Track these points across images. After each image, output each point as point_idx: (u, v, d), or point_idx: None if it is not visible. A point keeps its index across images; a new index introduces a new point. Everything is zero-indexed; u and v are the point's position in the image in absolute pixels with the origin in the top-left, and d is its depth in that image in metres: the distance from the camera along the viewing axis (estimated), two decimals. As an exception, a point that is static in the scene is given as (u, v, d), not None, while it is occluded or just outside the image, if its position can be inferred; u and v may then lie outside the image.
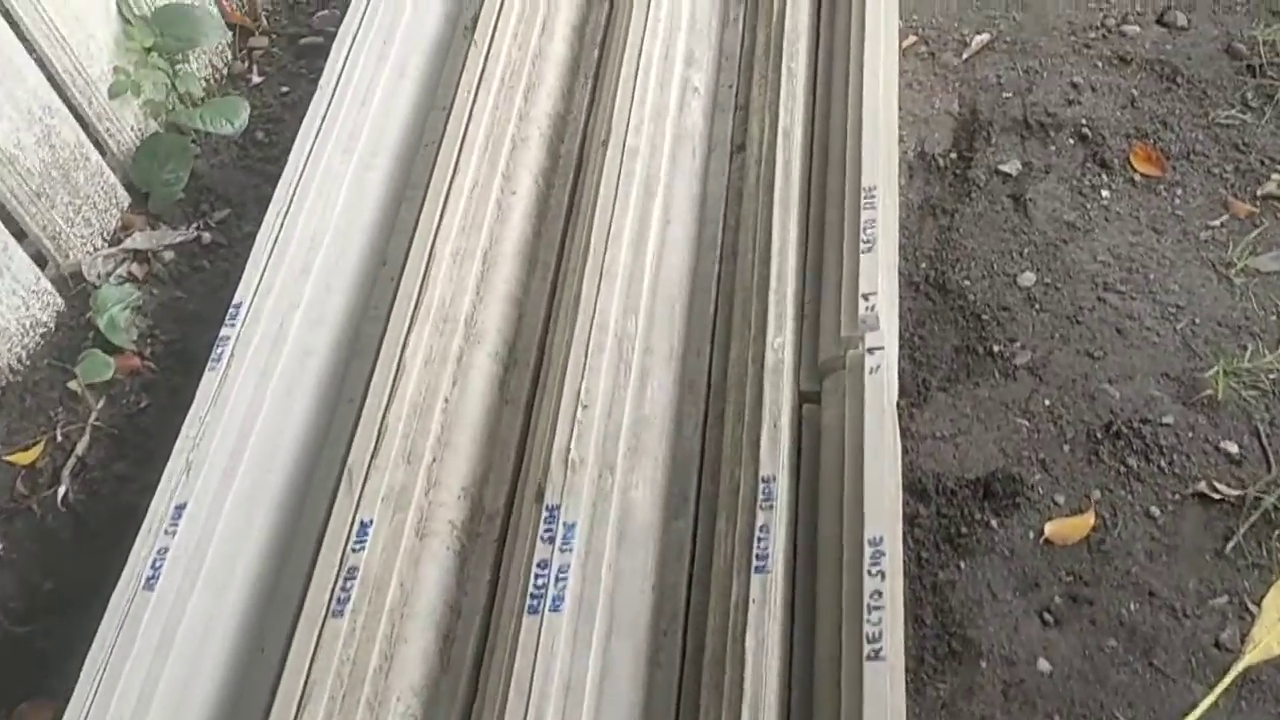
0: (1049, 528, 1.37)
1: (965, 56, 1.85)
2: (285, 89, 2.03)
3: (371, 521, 1.26)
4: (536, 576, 1.18)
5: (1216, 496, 1.36)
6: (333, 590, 1.20)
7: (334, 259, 1.56)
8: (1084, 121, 1.73)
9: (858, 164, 1.43)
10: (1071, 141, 1.71)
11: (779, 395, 1.28)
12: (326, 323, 1.51)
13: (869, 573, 1.10)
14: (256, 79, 2.05)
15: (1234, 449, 1.40)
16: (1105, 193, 1.65)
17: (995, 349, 1.52)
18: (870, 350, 1.27)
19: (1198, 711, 1.24)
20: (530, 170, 1.65)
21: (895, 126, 1.49)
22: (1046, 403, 1.47)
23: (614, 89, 1.64)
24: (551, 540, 1.21)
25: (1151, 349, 1.49)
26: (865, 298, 1.31)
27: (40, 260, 1.71)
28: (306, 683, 1.13)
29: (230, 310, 1.44)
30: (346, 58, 1.72)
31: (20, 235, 1.66)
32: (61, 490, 1.53)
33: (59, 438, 1.58)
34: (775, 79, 1.60)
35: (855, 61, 1.53)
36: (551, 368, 1.43)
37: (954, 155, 1.74)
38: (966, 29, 1.89)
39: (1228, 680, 1.25)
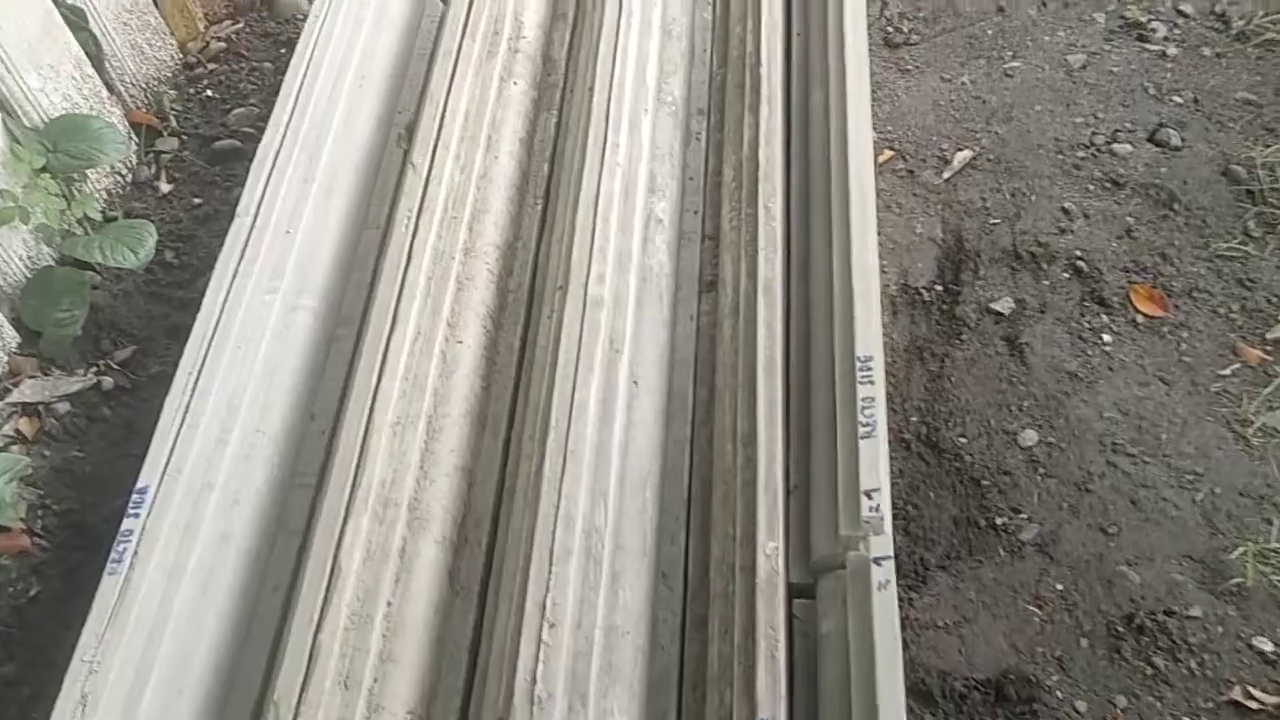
0: (1072, 745, 1.22)
1: (947, 176, 1.70)
2: (198, 200, 1.82)
3: (303, 774, 1.08)
4: None
5: (1254, 706, 1.22)
6: None
7: (254, 421, 1.38)
8: (1078, 253, 1.59)
9: (849, 330, 1.28)
10: (1066, 275, 1.57)
11: (774, 614, 1.12)
12: (247, 500, 1.33)
13: None
14: (165, 187, 1.83)
15: (1268, 647, 1.26)
16: (1107, 336, 1.51)
17: (998, 521, 1.37)
18: (877, 560, 1.12)
19: None
20: (478, 315, 1.48)
21: (877, 273, 1.34)
22: (1059, 587, 1.32)
23: (571, 224, 1.47)
24: (517, 803, 1.04)
25: (1170, 524, 1.35)
26: (869, 495, 1.16)
27: (-88, 419, 1.50)
28: None
29: (134, 497, 1.25)
30: (268, 179, 1.54)
31: (-112, 393, 1.45)
32: (-66, 712, 1.31)
33: (-67, 643, 1.36)
34: (752, 215, 1.45)
35: (839, 208, 1.38)
36: (509, 555, 1.26)
37: (940, 288, 1.59)
38: (946, 144, 1.74)
39: None
